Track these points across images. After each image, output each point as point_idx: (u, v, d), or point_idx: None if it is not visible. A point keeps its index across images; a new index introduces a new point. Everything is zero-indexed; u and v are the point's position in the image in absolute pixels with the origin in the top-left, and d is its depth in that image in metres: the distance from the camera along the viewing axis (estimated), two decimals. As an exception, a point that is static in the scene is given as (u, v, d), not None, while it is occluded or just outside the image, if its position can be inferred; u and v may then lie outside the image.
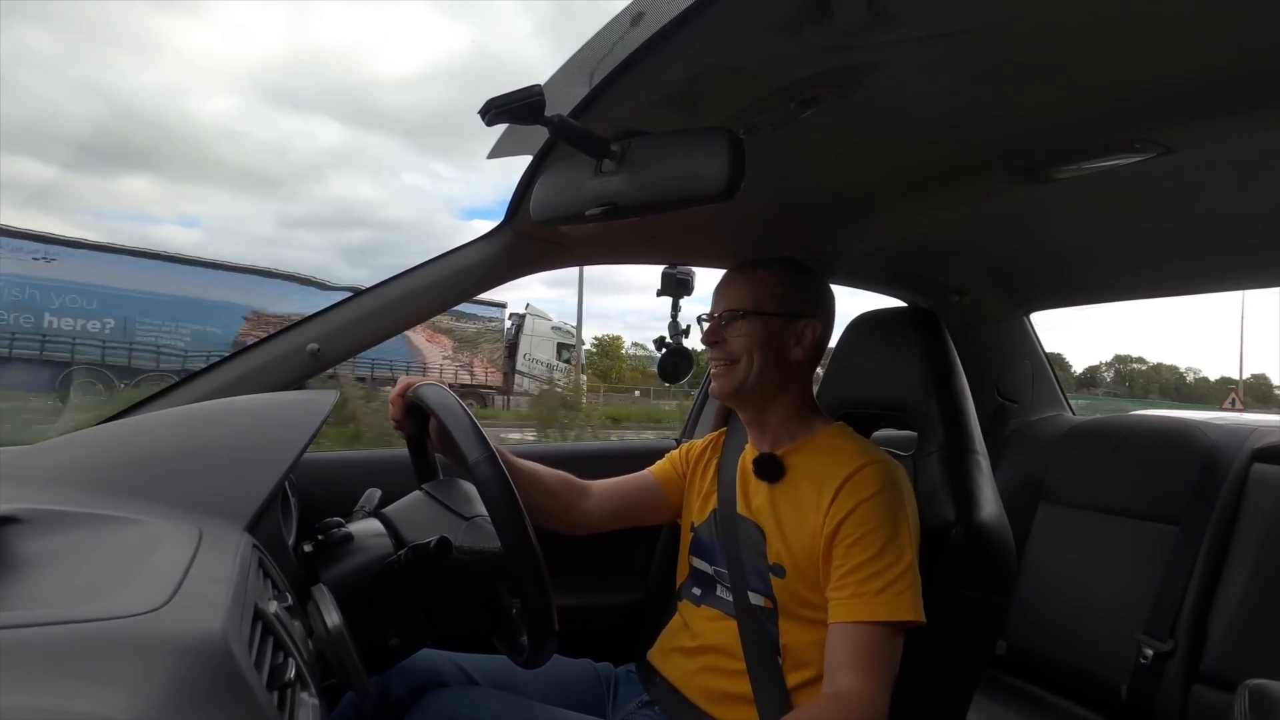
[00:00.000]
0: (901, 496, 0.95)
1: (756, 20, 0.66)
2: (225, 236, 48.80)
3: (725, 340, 1.04)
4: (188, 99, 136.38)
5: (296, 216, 61.23)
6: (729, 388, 1.04)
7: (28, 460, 0.73)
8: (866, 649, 0.88)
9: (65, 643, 0.41)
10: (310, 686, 0.59)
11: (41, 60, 76.10)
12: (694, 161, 0.69)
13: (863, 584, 0.89)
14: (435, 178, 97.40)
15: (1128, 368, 47.57)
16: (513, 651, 0.89)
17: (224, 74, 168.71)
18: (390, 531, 0.87)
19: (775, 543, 0.99)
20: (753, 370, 1.02)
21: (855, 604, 0.89)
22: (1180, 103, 0.82)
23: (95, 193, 39.64)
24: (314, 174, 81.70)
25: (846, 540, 0.92)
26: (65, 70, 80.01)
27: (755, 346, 1.02)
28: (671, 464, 1.21)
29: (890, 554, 0.90)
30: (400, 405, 0.98)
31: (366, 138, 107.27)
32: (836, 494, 0.94)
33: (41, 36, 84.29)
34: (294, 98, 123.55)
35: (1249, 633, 1.37)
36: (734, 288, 1.06)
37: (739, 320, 1.03)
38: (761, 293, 1.03)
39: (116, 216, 44.26)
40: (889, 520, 0.92)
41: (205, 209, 54.65)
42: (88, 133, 55.39)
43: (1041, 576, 1.70)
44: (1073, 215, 1.26)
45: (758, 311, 1.03)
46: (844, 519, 0.93)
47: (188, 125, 74.91)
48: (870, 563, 0.90)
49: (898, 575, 0.89)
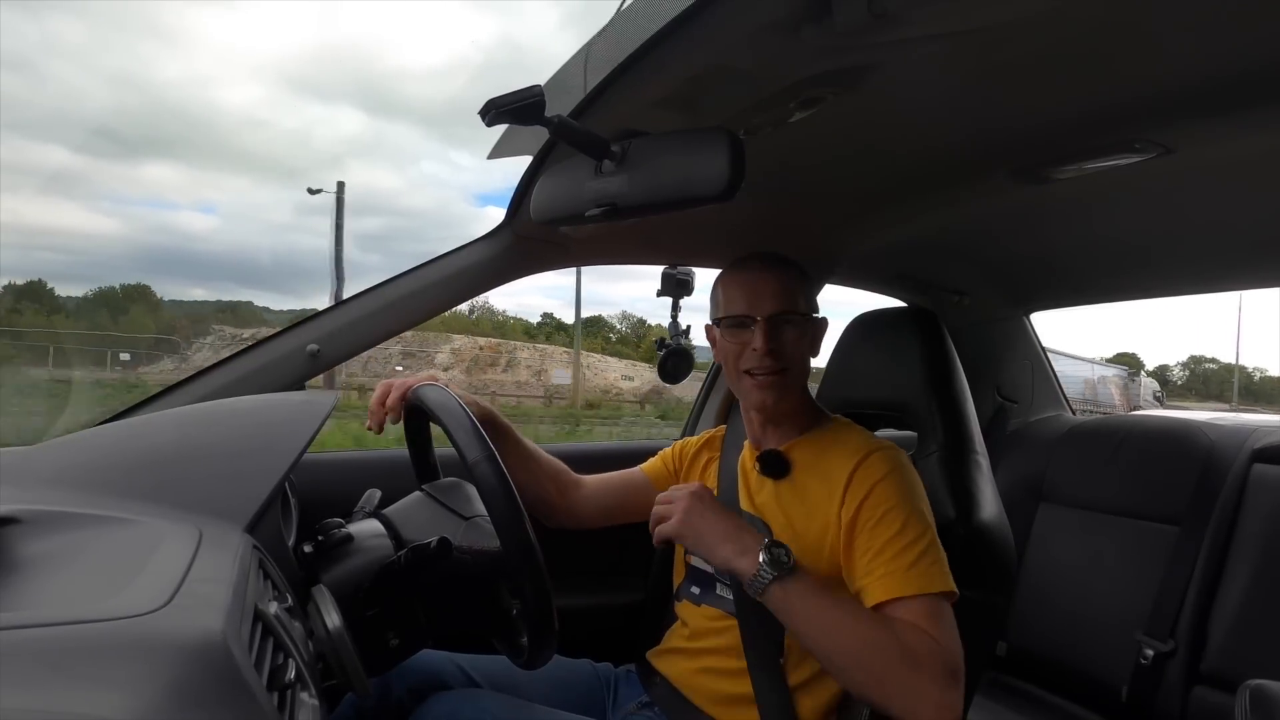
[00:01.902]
0: (912, 478, 0.95)
1: (757, 21, 0.66)
2: (241, 223, 49.32)
3: (781, 347, 0.98)
4: (215, 88, 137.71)
5: (314, 204, 62.20)
6: (781, 397, 0.99)
7: (28, 461, 0.73)
8: (914, 617, 0.84)
9: (65, 643, 0.41)
10: (310, 687, 0.59)
11: (73, 50, 77.29)
12: (694, 162, 0.69)
13: (893, 560, 0.87)
14: (453, 166, 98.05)
15: (1201, 368, 47.55)
16: (512, 652, 0.89)
17: (252, 65, 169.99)
18: (390, 532, 0.87)
19: (782, 538, 0.98)
20: (798, 375, 1.00)
21: (890, 581, 0.87)
22: (1180, 103, 0.82)
23: (117, 179, 40.13)
24: (335, 162, 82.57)
25: (868, 524, 0.91)
26: (95, 60, 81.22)
27: (802, 350, 1.00)
28: (664, 461, 1.21)
29: (914, 528, 0.89)
30: (382, 412, 0.98)
31: (389, 127, 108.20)
32: (849, 482, 0.94)
33: (75, 26, 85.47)
34: (320, 88, 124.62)
35: (1250, 633, 1.37)
36: (775, 285, 0.99)
37: (791, 324, 0.98)
38: (800, 292, 1.01)
39: (136, 202, 44.84)
40: (906, 497, 0.91)
41: (224, 196, 55.24)
42: (114, 121, 56.10)
43: (1041, 577, 1.70)
44: (1073, 215, 1.26)
45: (803, 314, 1.00)
46: (861, 503, 0.92)
47: (213, 114, 75.97)
48: (895, 539, 0.89)
49: (925, 548, 0.88)
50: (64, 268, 72.55)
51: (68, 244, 77.06)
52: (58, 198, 36.00)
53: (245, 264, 77.57)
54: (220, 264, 77.53)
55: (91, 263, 73.09)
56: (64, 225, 73.73)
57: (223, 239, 75.83)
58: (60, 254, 74.73)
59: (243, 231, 48.49)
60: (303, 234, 53.24)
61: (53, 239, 73.48)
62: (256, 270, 76.24)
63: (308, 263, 78.51)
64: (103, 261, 74.24)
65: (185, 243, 79.61)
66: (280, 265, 72.79)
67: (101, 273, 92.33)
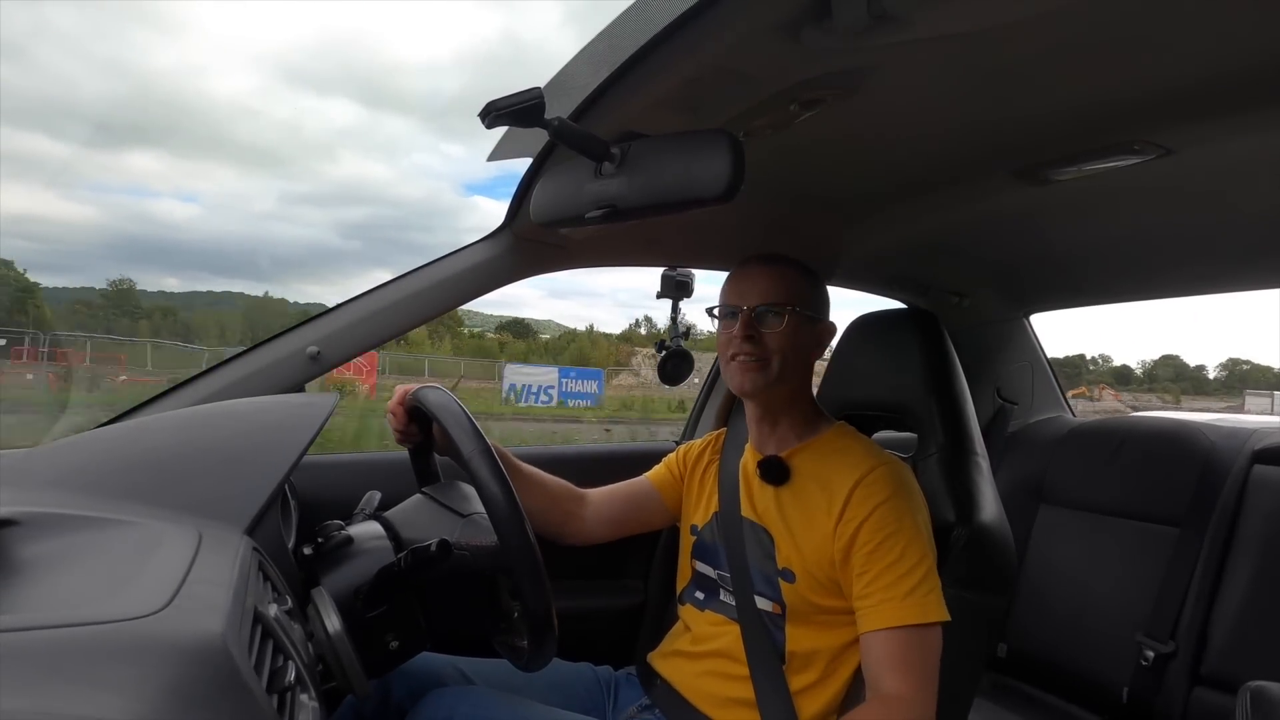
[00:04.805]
0: (914, 498, 0.95)
1: (757, 23, 0.66)
2: (223, 212, 49.33)
3: (761, 335, 1.00)
4: (207, 77, 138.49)
5: (300, 193, 62.48)
6: (760, 384, 1.00)
7: (28, 463, 0.73)
8: (902, 652, 0.87)
9: (65, 646, 0.41)
10: (310, 689, 0.59)
11: (62, 36, 77.41)
12: (694, 164, 0.69)
13: (889, 589, 0.89)
14: (445, 158, 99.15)
15: (1238, 369, 47.79)
16: (512, 654, 0.89)
17: (249, 54, 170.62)
18: (390, 534, 0.87)
19: (785, 547, 0.98)
20: (785, 369, 1.00)
21: (885, 610, 0.89)
22: (1180, 104, 0.82)
23: (99, 168, 40.09)
24: (327, 153, 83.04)
25: (866, 547, 0.91)
26: (86, 46, 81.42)
27: (789, 344, 1.00)
28: (668, 468, 1.20)
29: (912, 556, 0.90)
30: (401, 414, 0.98)
31: (384, 120, 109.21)
32: (849, 499, 0.94)
33: (65, 12, 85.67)
34: (317, 79, 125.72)
35: (1250, 634, 1.37)
36: (765, 281, 1.01)
37: (775, 315, 1.00)
38: (792, 289, 1.01)
39: (116, 190, 44.79)
40: (907, 523, 0.92)
41: (207, 185, 55.32)
42: (101, 109, 56.11)
43: (1042, 578, 1.70)
44: (1073, 217, 1.26)
45: (794, 308, 1.00)
46: (861, 525, 0.92)
47: (203, 103, 76.26)
48: (893, 567, 0.90)
49: (922, 577, 0.89)
50: (36, 256, 72.28)
51: (42, 231, 76.77)
52: (33, 185, 35.81)
53: (222, 252, 77.39)
54: (197, 252, 77.29)
55: (61, 251, 72.77)
56: (36, 212, 73.51)
57: (202, 228, 75.83)
58: (31, 241, 74.45)
59: (223, 220, 48.65)
60: (285, 223, 53.46)
61: (24, 226, 73.04)
62: (233, 258, 76.18)
63: (284, 252, 78.33)
64: (76, 250, 74.00)
65: (163, 231, 79.58)
66: (258, 253, 72.78)
67: (73, 261, 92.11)
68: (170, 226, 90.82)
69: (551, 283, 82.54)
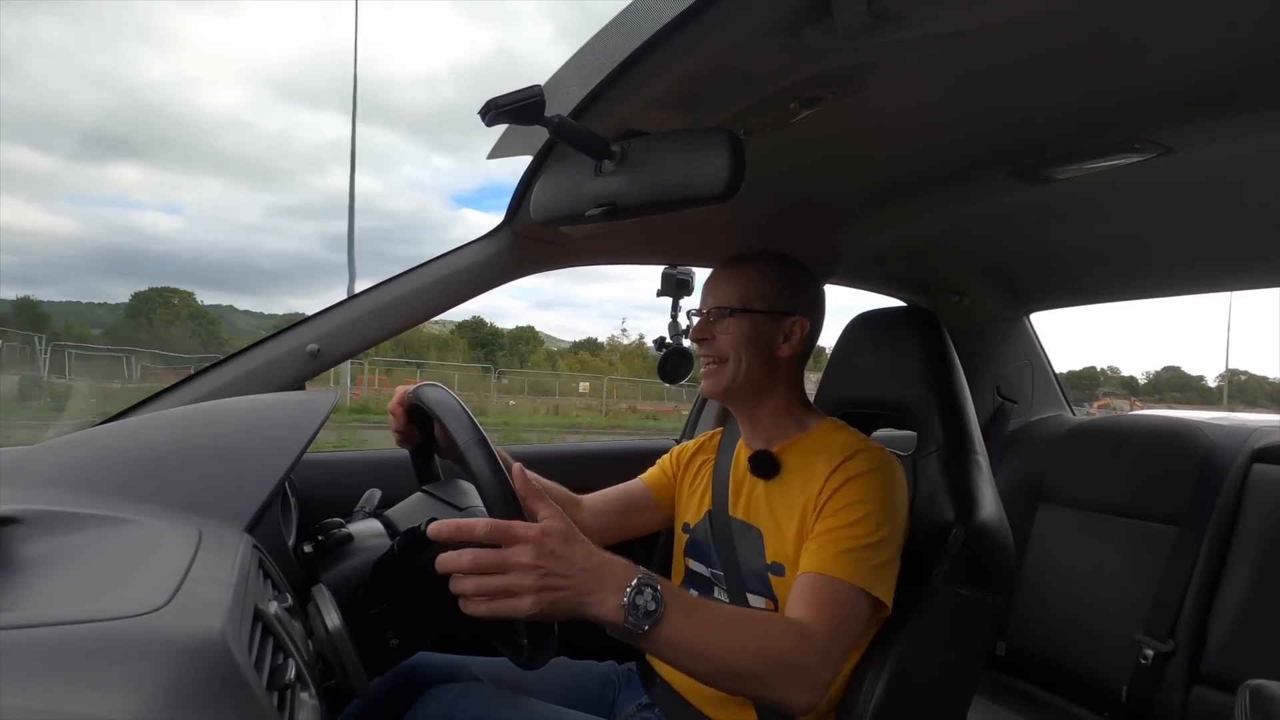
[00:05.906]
0: (893, 483, 0.94)
1: (757, 21, 0.66)
2: (206, 223, 49.15)
3: (714, 338, 1.03)
4: (197, 90, 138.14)
5: (287, 205, 62.51)
6: (718, 386, 1.04)
7: (28, 460, 0.73)
8: (824, 598, 0.85)
9: (65, 643, 0.41)
10: (310, 687, 0.59)
11: (51, 49, 77.35)
12: (694, 162, 0.69)
13: (831, 542, 0.88)
14: (435, 171, 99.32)
15: (1237, 379, 48.13)
16: (512, 652, 0.89)
17: (241, 68, 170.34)
18: (390, 532, 0.87)
19: (773, 541, 0.98)
20: (741, 368, 1.02)
21: (819, 556, 0.88)
22: (1180, 103, 0.82)
23: (83, 180, 39.92)
24: (317, 166, 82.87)
25: (831, 510, 0.91)
26: (75, 60, 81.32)
27: (742, 344, 1.01)
28: (662, 469, 1.21)
29: (868, 524, 0.89)
30: (401, 414, 0.98)
31: (375, 133, 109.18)
32: (826, 480, 0.94)
33: (55, 26, 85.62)
34: (308, 93, 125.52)
35: (1249, 633, 1.37)
36: (722, 284, 1.04)
37: (726, 318, 1.02)
38: (749, 289, 1.02)
39: (99, 202, 44.58)
40: (876, 498, 0.91)
41: (192, 197, 55.23)
42: (89, 122, 56.07)
43: (1041, 577, 1.70)
44: (1073, 215, 1.26)
45: (745, 309, 1.02)
46: (834, 492, 0.92)
47: (193, 116, 76.18)
48: (846, 527, 0.89)
49: (869, 545, 0.88)
50: (9, 267, 72.18)
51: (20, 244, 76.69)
52: (16, 198, 35.72)
53: (205, 264, 77.28)
54: (178, 264, 77.27)
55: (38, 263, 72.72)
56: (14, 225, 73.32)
57: (185, 239, 75.78)
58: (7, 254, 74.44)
59: (206, 231, 48.62)
60: (270, 235, 53.48)
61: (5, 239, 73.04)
62: (215, 270, 76.01)
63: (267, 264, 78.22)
64: (53, 262, 73.98)
65: (146, 244, 79.55)
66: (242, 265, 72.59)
67: (50, 274, 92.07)
68: (153, 238, 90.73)
69: (537, 293, 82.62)
